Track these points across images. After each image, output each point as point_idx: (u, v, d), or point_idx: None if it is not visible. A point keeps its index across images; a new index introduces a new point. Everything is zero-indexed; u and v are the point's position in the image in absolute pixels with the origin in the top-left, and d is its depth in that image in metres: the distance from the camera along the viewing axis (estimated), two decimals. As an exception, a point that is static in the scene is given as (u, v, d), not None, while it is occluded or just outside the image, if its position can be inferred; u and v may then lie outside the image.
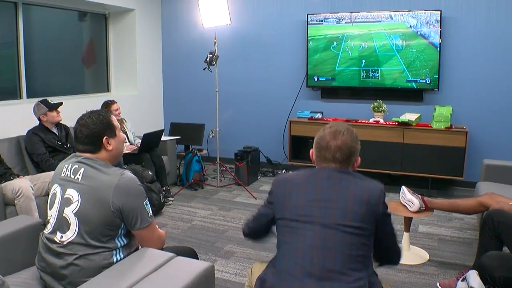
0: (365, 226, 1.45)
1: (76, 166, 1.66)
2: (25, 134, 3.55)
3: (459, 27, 4.43)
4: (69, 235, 1.60)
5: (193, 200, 4.31)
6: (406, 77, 4.57)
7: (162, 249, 1.80)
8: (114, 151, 1.74)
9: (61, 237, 1.61)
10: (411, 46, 4.47)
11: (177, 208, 4.08)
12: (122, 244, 1.67)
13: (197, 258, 1.98)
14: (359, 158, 1.63)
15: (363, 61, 4.72)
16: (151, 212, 1.72)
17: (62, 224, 1.62)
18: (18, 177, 3.20)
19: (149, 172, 3.90)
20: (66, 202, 1.62)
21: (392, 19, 4.51)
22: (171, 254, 1.69)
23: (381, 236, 1.53)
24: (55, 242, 1.62)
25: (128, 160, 4.02)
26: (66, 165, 1.70)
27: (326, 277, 1.40)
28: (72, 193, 1.62)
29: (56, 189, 1.68)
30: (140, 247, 1.80)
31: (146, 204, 1.69)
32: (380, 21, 4.57)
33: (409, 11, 4.45)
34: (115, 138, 1.74)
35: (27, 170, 3.55)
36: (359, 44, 4.71)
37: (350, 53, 4.76)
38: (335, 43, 4.80)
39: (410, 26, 4.44)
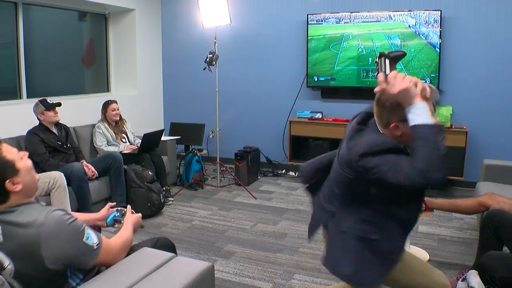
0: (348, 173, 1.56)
1: None
2: (25, 134, 3.55)
3: (459, 27, 4.43)
4: None
5: (193, 200, 4.31)
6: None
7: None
8: (25, 186, 1.43)
9: None
10: (409, 46, 4.47)
11: (177, 208, 4.08)
12: (79, 280, 1.51)
13: (175, 249, 1.95)
14: (395, 126, 1.49)
15: (363, 61, 4.72)
16: (95, 238, 1.48)
17: None
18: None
19: (149, 172, 3.91)
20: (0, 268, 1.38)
21: (392, 19, 4.51)
22: (171, 254, 1.69)
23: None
24: None
25: (128, 160, 4.02)
26: None
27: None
28: (1, 257, 1.37)
29: None
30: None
31: (87, 239, 1.44)
32: (380, 21, 4.57)
33: (409, 11, 4.45)
34: (19, 173, 1.41)
35: (27, 170, 3.55)
36: (358, 44, 4.71)
37: (349, 53, 4.76)
38: (335, 43, 4.81)
39: (409, 26, 4.45)
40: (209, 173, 5.17)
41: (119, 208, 1.91)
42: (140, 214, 1.88)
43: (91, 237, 1.47)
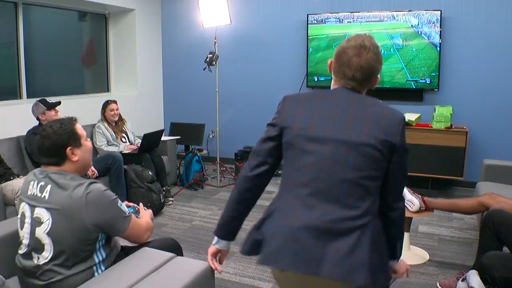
0: (380, 148, 1.29)
1: (42, 183, 1.57)
2: (25, 134, 3.55)
3: (459, 27, 4.43)
4: (46, 256, 1.53)
5: (193, 200, 4.31)
6: (405, 77, 4.57)
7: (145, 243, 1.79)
8: (81, 161, 1.64)
9: (38, 258, 1.54)
10: (411, 46, 4.47)
11: (177, 208, 4.08)
12: (102, 258, 1.62)
13: (181, 250, 1.98)
14: (378, 78, 1.49)
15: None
16: (125, 208, 1.68)
17: (36, 246, 1.54)
18: (18, 177, 3.20)
19: (149, 172, 3.90)
20: (36, 222, 1.54)
21: (395, 18, 4.51)
22: (171, 254, 1.69)
23: (390, 172, 1.34)
24: (32, 266, 1.55)
25: (128, 160, 4.02)
26: (32, 182, 1.60)
27: (332, 199, 1.28)
28: (41, 212, 1.54)
29: (24, 208, 1.60)
30: (119, 248, 1.78)
31: (120, 205, 1.64)
32: (382, 21, 4.56)
33: (409, 11, 4.45)
34: (81, 147, 1.65)
35: (27, 170, 3.55)
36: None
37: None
38: (335, 43, 4.80)
39: (412, 25, 4.44)
40: (209, 173, 5.17)
41: (132, 205, 1.98)
42: (150, 210, 1.99)
43: (123, 206, 1.67)
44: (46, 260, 1.53)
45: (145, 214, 1.91)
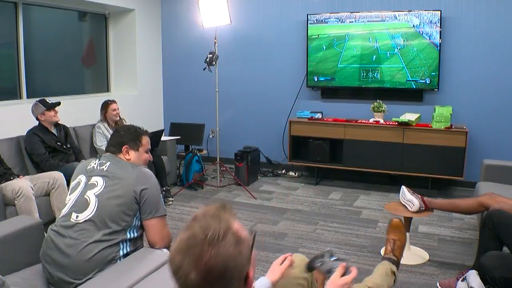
0: None
1: (103, 160, 1.85)
2: (25, 134, 3.55)
3: (459, 27, 4.43)
4: (86, 214, 1.68)
5: (193, 200, 4.31)
6: (406, 77, 4.57)
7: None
8: (136, 158, 1.91)
9: (77, 217, 1.69)
10: (412, 46, 4.47)
11: (177, 208, 4.08)
12: (132, 236, 1.74)
13: None
14: (251, 273, 1.06)
15: (363, 60, 4.72)
16: (165, 207, 1.85)
17: (80, 205, 1.71)
18: (18, 177, 3.20)
19: (149, 172, 3.90)
20: (91, 186, 1.76)
21: (396, 18, 4.51)
22: (171, 254, 1.69)
23: None
24: (67, 226, 1.67)
25: (128, 160, 4.02)
26: (94, 160, 1.88)
27: None
28: (97, 179, 1.77)
29: (81, 178, 1.82)
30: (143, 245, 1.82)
31: (161, 199, 1.85)
32: (384, 21, 4.56)
33: (409, 11, 4.45)
34: (136, 152, 1.92)
35: (27, 170, 3.55)
36: (359, 44, 4.71)
37: (350, 53, 4.76)
38: (335, 43, 4.81)
39: (414, 25, 4.44)
40: (209, 173, 5.17)
41: None
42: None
43: (163, 203, 1.88)
44: (85, 218, 1.67)
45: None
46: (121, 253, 1.69)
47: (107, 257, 1.63)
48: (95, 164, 1.84)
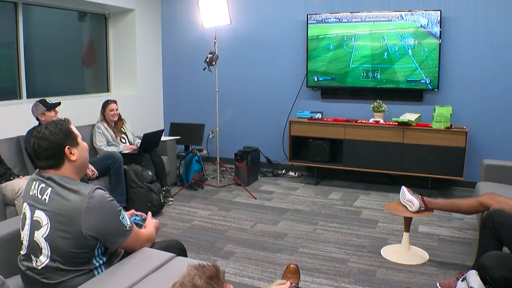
0: None
1: (43, 185, 1.56)
2: (25, 134, 3.55)
3: (459, 27, 4.43)
4: (43, 260, 1.53)
5: (193, 200, 4.31)
6: (406, 77, 4.57)
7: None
8: (79, 161, 1.62)
9: (36, 261, 1.54)
10: (422, 45, 4.45)
11: (177, 208, 4.08)
12: (102, 262, 1.62)
13: (185, 252, 1.98)
14: None
15: (366, 60, 4.72)
16: (128, 221, 1.64)
17: (34, 249, 1.54)
18: (18, 177, 3.20)
19: (149, 172, 3.90)
20: (36, 225, 1.54)
21: (403, 18, 4.51)
22: (171, 254, 1.69)
23: None
24: (31, 269, 1.56)
25: (128, 160, 4.02)
26: (34, 182, 1.59)
27: None
28: (40, 215, 1.53)
29: (25, 208, 1.60)
30: (122, 253, 1.77)
31: (122, 218, 1.60)
32: (391, 21, 4.56)
33: (409, 11, 4.45)
34: (78, 146, 1.62)
35: (27, 170, 3.55)
36: (359, 44, 4.71)
37: (349, 53, 4.76)
38: (334, 43, 4.81)
39: (421, 25, 4.43)
40: (209, 173, 5.17)
41: (139, 214, 1.99)
42: (158, 221, 1.98)
43: (126, 219, 1.63)
44: (43, 265, 1.53)
45: (151, 224, 1.90)
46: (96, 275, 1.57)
47: (84, 282, 1.53)
48: (36, 190, 1.56)
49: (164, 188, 4.17)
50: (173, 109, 5.95)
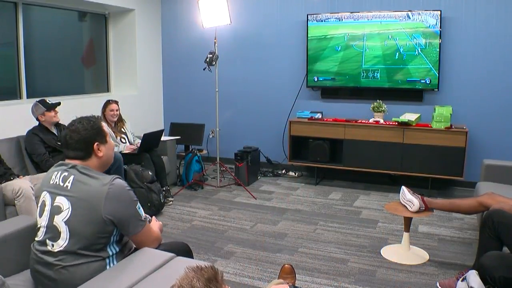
0: None
1: (66, 173, 1.63)
2: (25, 134, 3.55)
3: (459, 27, 4.43)
4: (61, 244, 1.57)
5: (193, 200, 4.31)
6: (406, 77, 4.57)
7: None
8: (104, 158, 1.72)
9: (52, 246, 1.58)
10: (434, 45, 4.46)
11: (177, 208, 4.08)
12: (115, 251, 1.66)
13: (191, 253, 1.98)
14: None
15: (366, 60, 4.72)
16: (144, 214, 1.71)
17: (52, 233, 1.58)
18: (18, 177, 3.20)
19: (149, 172, 3.90)
20: (56, 210, 1.59)
21: (409, 18, 4.50)
22: (171, 254, 1.69)
23: None
24: (46, 252, 1.59)
25: (128, 160, 4.02)
26: (56, 173, 1.66)
27: None
28: (62, 201, 1.59)
29: (45, 196, 1.65)
30: (133, 248, 1.79)
31: (139, 208, 1.67)
32: (399, 20, 4.55)
33: (409, 11, 4.45)
34: (106, 144, 1.72)
35: (27, 170, 3.55)
36: (359, 44, 4.71)
37: (349, 53, 4.76)
38: (334, 43, 4.80)
39: (429, 26, 4.42)
40: (209, 173, 5.17)
41: (144, 215, 1.98)
42: (161, 223, 2.00)
43: (142, 210, 1.70)
44: (61, 248, 1.57)
45: (156, 226, 1.92)
46: (108, 268, 1.62)
47: (95, 273, 1.57)
48: (57, 178, 1.63)
49: (164, 188, 4.17)
50: (173, 109, 5.95)
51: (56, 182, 1.63)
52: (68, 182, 1.60)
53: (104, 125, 1.77)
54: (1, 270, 1.66)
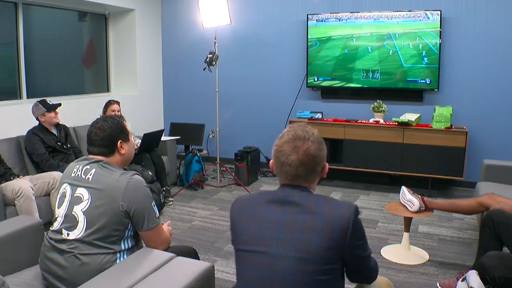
0: (323, 266, 1.23)
1: (88, 167, 1.70)
2: (25, 134, 3.55)
3: (459, 27, 4.43)
4: (77, 233, 1.62)
5: (193, 200, 4.31)
6: (406, 77, 4.57)
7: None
8: (126, 155, 1.82)
9: (68, 234, 1.63)
10: (422, 45, 4.47)
11: (177, 208, 4.08)
12: (127, 247, 1.70)
13: (198, 258, 1.99)
14: (327, 165, 1.43)
15: (364, 61, 4.72)
16: (158, 213, 1.76)
17: (70, 222, 1.64)
18: (18, 177, 3.20)
19: (149, 172, 3.90)
20: (76, 200, 1.66)
21: (410, 18, 4.51)
22: (171, 254, 1.69)
23: (350, 264, 1.32)
24: (60, 240, 1.63)
25: (128, 160, 4.02)
26: (77, 166, 1.73)
27: None
28: (82, 192, 1.66)
29: (66, 188, 1.71)
30: (143, 245, 1.81)
31: (154, 205, 1.75)
32: (391, 21, 4.56)
33: (409, 11, 4.45)
34: (128, 143, 1.83)
35: (27, 170, 3.55)
36: (359, 44, 4.71)
37: (349, 53, 4.76)
38: (334, 43, 4.81)
39: (430, 26, 4.44)
40: (209, 173, 5.17)
41: None
42: (171, 229, 2.06)
43: (156, 209, 1.77)
44: (77, 236, 1.61)
45: (165, 228, 1.95)
46: (117, 261, 1.65)
47: (104, 266, 1.61)
48: (79, 171, 1.70)
49: (164, 188, 4.17)
50: (173, 109, 5.95)
51: (78, 174, 1.70)
52: (90, 175, 1.67)
53: (127, 124, 1.86)
54: (2, 270, 1.66)
